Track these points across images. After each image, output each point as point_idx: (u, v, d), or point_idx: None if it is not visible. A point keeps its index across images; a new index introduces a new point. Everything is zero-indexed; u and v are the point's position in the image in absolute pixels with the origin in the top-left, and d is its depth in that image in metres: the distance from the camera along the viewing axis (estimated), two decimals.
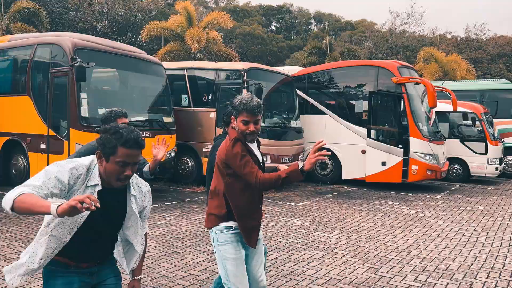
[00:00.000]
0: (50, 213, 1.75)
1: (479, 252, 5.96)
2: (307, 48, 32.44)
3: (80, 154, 3.24)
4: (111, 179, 2.12)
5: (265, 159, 10.11)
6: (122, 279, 2.47)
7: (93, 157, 2.18)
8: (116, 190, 2.21)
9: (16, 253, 5.11)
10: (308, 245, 6.02)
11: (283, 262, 5.23)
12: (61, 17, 26.86)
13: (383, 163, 11.03)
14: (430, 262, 5.42)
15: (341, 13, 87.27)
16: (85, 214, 2.05)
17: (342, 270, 5.03)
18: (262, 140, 9.95)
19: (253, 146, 2.93)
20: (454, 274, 5.00)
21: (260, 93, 9.84)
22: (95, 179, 2.12)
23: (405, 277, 4.88)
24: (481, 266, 5.33)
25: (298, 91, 12.00)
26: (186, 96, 11.02)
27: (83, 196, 1.74)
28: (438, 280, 4.80)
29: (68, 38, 8.32)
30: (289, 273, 4.86)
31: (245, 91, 9.94)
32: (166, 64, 10.86)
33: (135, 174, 2.31)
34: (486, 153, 12.79)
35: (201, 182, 10.75)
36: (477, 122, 12.76)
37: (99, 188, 2.12)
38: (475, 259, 5.61)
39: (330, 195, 10.31)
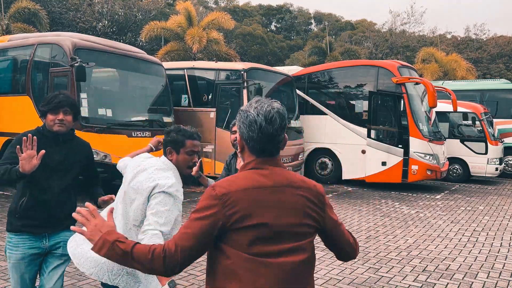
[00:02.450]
0: None
1: (479, 252, 5.95)
2: (307, 48, 32.46)
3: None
4: (182, 169, 2.58)
5: None
6: None
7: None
8: None
9: None
10: None
11: None
12: (61, 17, 26.86)
13: (383, 163, 11.03)
14: (430, 262, 5.41)
15: (341, 13, 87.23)
16: None
17: (342, 270, 5.03)
18: None
19: None
20: (454, 274, 5.00)
21: (260, 93, 9.83)
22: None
23: (405, 277, 4.88)
24: (481, 266, 5.33)
25: (298, 91, 11.99)
26: (186, 96, 11.02)
27: None
28: (438, 280, 4.80)
29: (68, 38, 8.32)
30: None
31: (244, 91, 9.94)
32: (166, 64, 10.86)
33: None
34: (486, 153, 12.79)
35: (201, 182, 10.73)
36: (477, 122, 12.75)
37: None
38: (475, 259, 5.61)
39: (330, 195, 10.30)
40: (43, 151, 2.51)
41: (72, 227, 1.71)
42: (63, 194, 2.78)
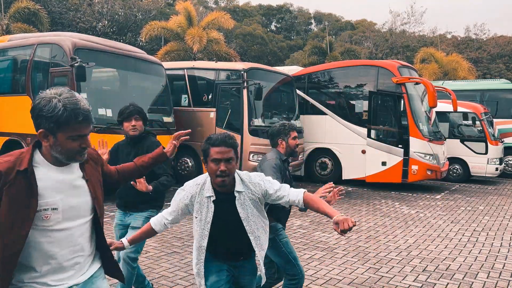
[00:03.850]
0: None
1: (479, 252, 5.95)
2: (307, 48, 32.45)
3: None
4: (212, 179, 2.47)
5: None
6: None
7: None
8: (227, 199, 2.50)
9: None
10: (308, 245, 6.02)
11: None
12: (61, 17, 26.88)
13: (383, 163, 11.03)
14: (430, 262, 5.41)
15: (341, 13, 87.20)
16: (207, 225, 2.54)
17: (342, 270, 5.03)
18: (262, 140, 10.03)
19: None
20: (454, 274, 5.00)
21: (260, 93, 9.84)
22: (209, 191, 2.52)
23: (405, 277, 4.88)
24: (481, 266, 5.33)
25: (298, 91, 11.99)
26: (186, 96, 11.02)
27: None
28: (438, 280, 4.80)
29: (68, 38, 8.32)
30: None
31: (245, 91, 9.94)
32: (166, 64, 10.85)
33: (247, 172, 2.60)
34: (486, 153, 12.78)
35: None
36: (477, 122, 12.75)
37: (213, 198, 2.51)
38: (475, 259, 5.60)
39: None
40: (106, 150, 3.23)
41: None
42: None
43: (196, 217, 2.58)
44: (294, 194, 2.54)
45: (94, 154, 2.16)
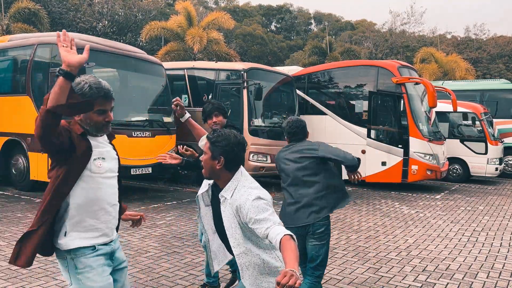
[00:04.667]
0: None
1: (479, 252, 5.96)
2: (307, 48, 32.47)
3: None
4: None
5: (265, 159, 10.13)
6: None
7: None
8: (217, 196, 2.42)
9: None
10: None
11: None
12: (61, 17, 26.87)
13: (383, 163, 11.03)
14: (430, 262, 5.42)
15: (341, 13, 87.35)
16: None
17: (342, 270, 5.03)
18: (262, 140, 10.04)
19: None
20: (454, 274, 5.00)
21: (260, 93, 9.84)
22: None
23: (405, 277, 4.88)
24: (481, 266, 5.33)
25: (298, 91, 11.99)
26: (186, 96, 11.03)
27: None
28: (438, 280, 4.80)
29: None
30: None
31: (244, 91, 9.95)
32: (166, 64, 10.86)
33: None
34: (486, 153, 12.79)
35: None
36: (477, 122, 12.75)
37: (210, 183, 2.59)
38: (475, 259, 5.61)
39: None
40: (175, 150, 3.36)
41: None
42: None
43: None
44: (275, 233, 2.07)
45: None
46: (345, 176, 11.56)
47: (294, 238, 2.01)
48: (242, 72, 10.14)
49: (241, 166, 2.40)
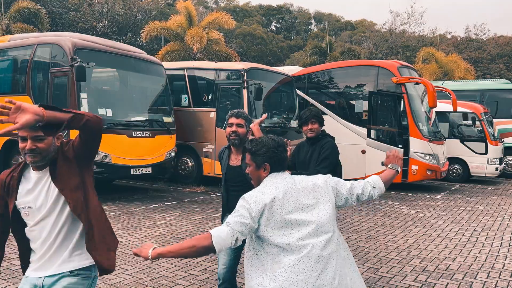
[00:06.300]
0: None
1: (479, 252, 5.95)
2: (307, 48, 32.47)
3: None
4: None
5: None
6: None
7: None
8: None
9: (16, 253, 5.10)
10: None
11: None
12: (61, 17, 26.88)
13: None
14: (430, 262, 5.42)
15: (341, 13, 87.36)
16: None
17: None
18: None
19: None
20: (454, 274, 5.00)
21: (260, 93, 9.84)
22: None
23: (405, 277, 4.88)
24: (481, 266, 5.33)
25: (298, 91, 11.99)
26: (186, 96, 11.03)
27: None
28: (438, 280, 4.80)
29: (68, 38, 8.32)
30: None
31: (244, 91, 9.95)
32: (166, 64, 10.86)
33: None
34: (486, 153, 12.78)
35: (201, 182, 10.75)
36: (477, 122, 12.75)
37: None
38: (475, 259, 5.61)
39: None
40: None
41: None
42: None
43: None
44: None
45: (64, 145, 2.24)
46: (345, 176, 11.45)
47: None
48: (242, 72, 10.14)
49: (286, 171, 2.34)
